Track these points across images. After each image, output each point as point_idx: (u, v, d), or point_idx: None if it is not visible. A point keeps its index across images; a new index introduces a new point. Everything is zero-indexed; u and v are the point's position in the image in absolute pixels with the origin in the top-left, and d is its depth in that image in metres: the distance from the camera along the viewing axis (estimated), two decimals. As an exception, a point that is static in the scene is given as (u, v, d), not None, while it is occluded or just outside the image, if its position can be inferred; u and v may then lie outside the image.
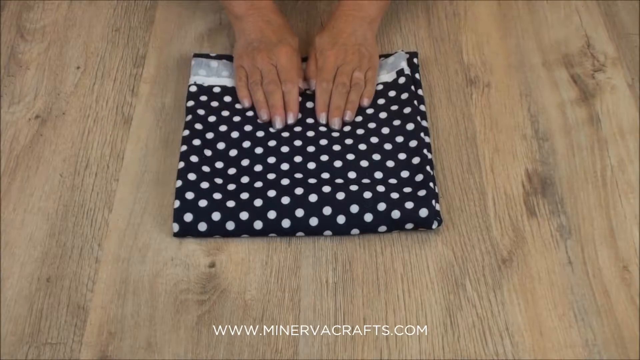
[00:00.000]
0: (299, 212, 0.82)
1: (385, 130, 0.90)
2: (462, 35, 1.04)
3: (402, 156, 0.87)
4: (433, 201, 0.82)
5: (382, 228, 0.82)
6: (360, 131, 0.91)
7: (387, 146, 0.89)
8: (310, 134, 0.90)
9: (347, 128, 0.91)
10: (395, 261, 0.81)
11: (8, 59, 1.01)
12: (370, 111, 0.93)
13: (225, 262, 0.81)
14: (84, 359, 0.74)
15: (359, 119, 0.92)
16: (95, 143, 0.92)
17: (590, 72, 0.99)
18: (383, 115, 0.92)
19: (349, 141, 0.89)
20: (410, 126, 0.90)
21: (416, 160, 0.87)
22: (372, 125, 0.91)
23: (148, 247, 0.82)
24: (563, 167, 0.89)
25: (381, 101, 0.94)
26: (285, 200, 0.83)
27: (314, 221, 0.82)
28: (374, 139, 0.89)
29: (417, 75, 0.97)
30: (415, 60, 0.98)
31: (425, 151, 0.88)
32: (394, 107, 0.92)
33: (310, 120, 0.92)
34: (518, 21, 1.06)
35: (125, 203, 0.86)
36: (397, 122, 0.91)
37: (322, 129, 0.91)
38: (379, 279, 0.80)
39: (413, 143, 0.88)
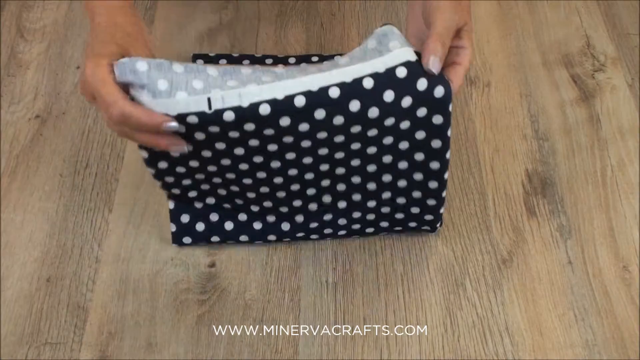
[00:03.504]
0: (300, 234, 0.81)
1: (404, 145, 0.71)
2: (462, 35, 1.04)
3: (418, 176, 0.74)
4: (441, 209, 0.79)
5: (384, 224, 0.81)
6: (372, 132, 0.70)
7: (402, 165, 0.73)
8: (306, 143, 0.70)
9: (357, 129, 0.68)
10: (395, 261, 0.81)
11: (8, 59, 1.01)
12: (390, 122, 0.68)
13: (225, 262, 0.81)
14: (84, 359, 0.74)
15: (375, 113, 0.67)
16: (95, 143, 0.92)
17: (590, 72, 0.99)
18: (405, 125, 0.69)
19: (355, 146, 0.71)
20: (436, 143, 0.70)
21: (433, 184, 0.74)
22: (388, 140, 0.71)
23: (148, 247, 0.82)
24: (563, 167, 0.89)
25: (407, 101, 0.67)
26: (286, 226, 0.81)
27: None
28: (387, 158, 0.73)
29: None
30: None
31: (445, 176, 0.73)
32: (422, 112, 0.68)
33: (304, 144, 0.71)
34: (518, 21, 1.06)
35: (125, 203, 0.86)
36: (421, 135, 0.70)
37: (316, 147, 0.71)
38: (379, 279, 0.80)
39: (435, 165, 0.72)
